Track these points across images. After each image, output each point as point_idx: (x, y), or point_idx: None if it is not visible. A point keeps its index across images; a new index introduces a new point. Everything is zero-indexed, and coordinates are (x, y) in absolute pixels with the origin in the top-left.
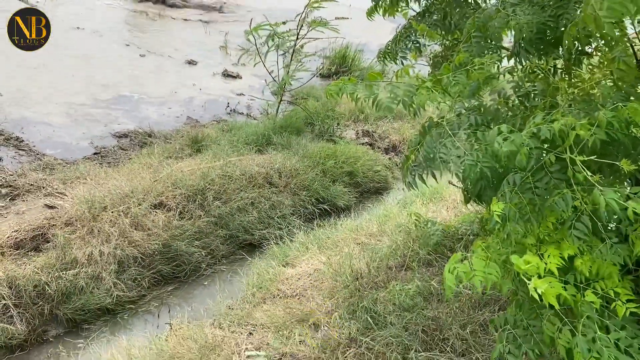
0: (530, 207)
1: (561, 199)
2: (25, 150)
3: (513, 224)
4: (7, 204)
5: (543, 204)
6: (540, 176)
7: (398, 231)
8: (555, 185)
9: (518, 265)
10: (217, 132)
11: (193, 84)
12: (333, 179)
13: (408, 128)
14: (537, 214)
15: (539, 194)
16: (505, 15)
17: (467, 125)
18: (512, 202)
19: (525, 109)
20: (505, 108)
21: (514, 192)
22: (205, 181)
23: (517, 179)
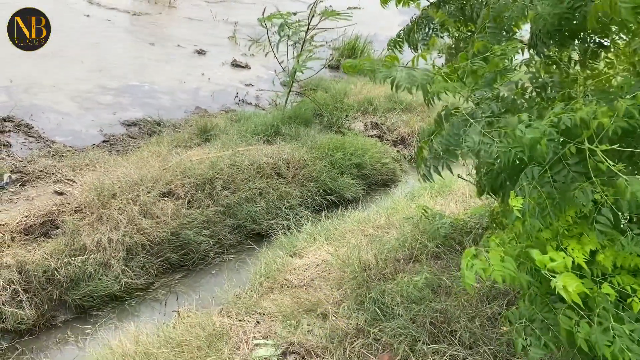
0: (549, 202)
1: (581, 192)
2: (35, 137)
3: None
4: (17, 189)
5: (562, 198)
6: (558, 169)
7: (406, 224)
8: (573, 178)
9: (541, 261)
10: (225, 122)
11: (202, 74)
12: (341, 171)
13: (417, 120)
14: (555, 207)
15: (557, 187)
16: (522, 6)
17: (489, 113)
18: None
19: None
20: (522, 99)
21: (533, 186)
22: (214, 170)
23: (535, 172)
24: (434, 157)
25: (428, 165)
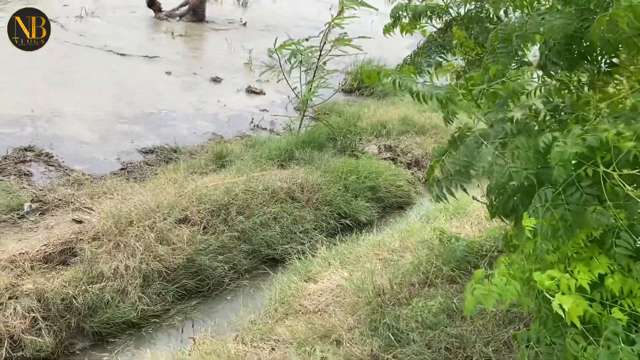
0: (562, 224)
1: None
2: (55, 165)
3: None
4: (37, 218)
5: (575, 220)
6: (571, 191)
7: (421, 247)
8: (586, 200)
9: (541, 281)
10: (240, 148)
11: (218, 101)
12: (355, 194)
13: (431, 143)
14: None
15: (571, 210)
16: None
17: (502, 134)
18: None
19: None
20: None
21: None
22: (229, 196)
23: (549, 194)
24: (446, 178)
25: (441, 185)
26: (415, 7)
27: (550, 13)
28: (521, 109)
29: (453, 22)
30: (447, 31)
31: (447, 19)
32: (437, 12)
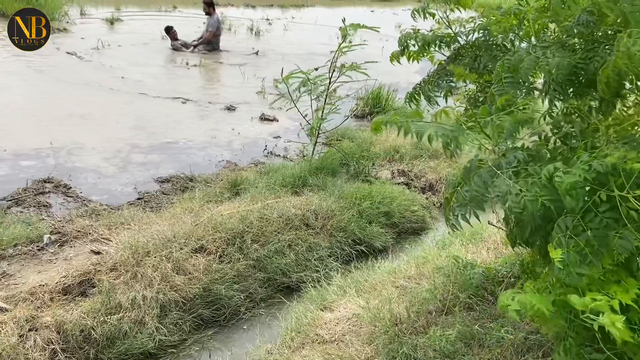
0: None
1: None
2: (73, 197)
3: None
4: (56, 250)
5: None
6: (590, 217)
7: (437, 274)
8: (607, 225)
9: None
10: (255, 175)
11: (232, 129)
12: (369, 220)
13: (445, 167)
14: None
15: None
16: (534, 58)
17: (515, 163)
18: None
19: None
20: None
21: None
22: (244, 224)
23: (568, 223)
24: (460, 205)
25: (456, 214)
26: (425, 36)
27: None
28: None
29: (462, 50)
30: (457, 59)
31: (455, 47)
32: (446, 40)
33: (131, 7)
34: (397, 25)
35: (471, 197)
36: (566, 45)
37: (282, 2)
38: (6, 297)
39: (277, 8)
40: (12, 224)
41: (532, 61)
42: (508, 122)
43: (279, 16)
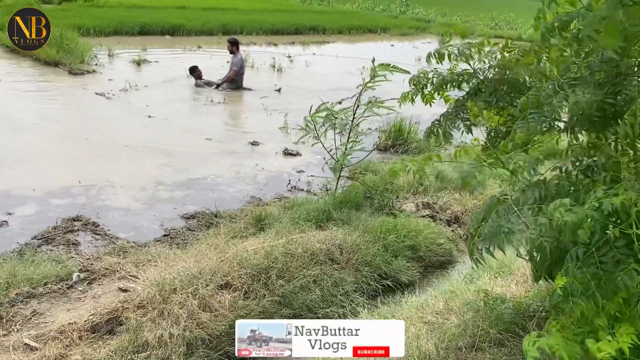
0: (594, 282)
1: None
2: (101, 234)
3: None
4: (85, 288)
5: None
6: (605, 250)
7: (466, 309)
8: (620, 260)
9: (593, 350)
10: (279, 210)
11: (256, 164)
12: (395, 254)
13: (470, 199)
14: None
15: (604, 269)
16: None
17: (532, 200)
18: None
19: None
20: (567, 182)
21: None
22: (269, 260)
23: (579, 254)
24: (484, 240)
25: (480, 248)
26: (443, 76)
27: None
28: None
29: (481, 85)
30: (475, 96)
31: (474, 83)
32: (466, 78)
33: (157, 47)
34: (417, 58)
35: (492, 233)
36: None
37: (303, 39)
38: (36, 336)
39: (299, 45)
40: (43, 262)
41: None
42: (527, 159)
43: (300, 52)
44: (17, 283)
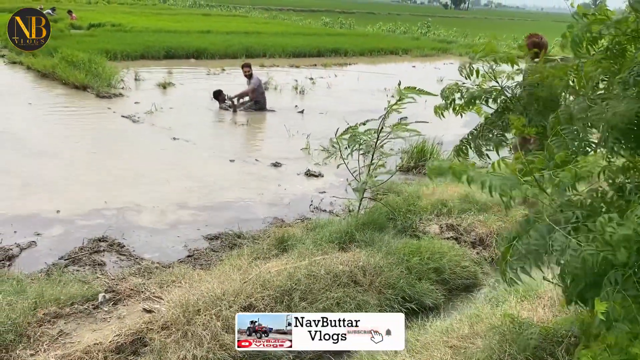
0: (636, 306)
1: None
2: (126, 255)
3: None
4: (110, 308)
5: None
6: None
7: (492, 333)
8: None
9: None
10: (301, 231)
11: (278, 185)
12: (419, 276)
13: (494, 220)
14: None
15: None
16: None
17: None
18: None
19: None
20: (602, 203)
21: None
22: (292, 281)
23: (618, 277)
24: (518, 259)
25: (514, 268)
26: (472, 91)
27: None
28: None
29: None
30: (505, 113)
31: (503, 100)
32: (494, 95)
33: (182, 70)
34: (439, 79)
35: (529, 251)
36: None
37: (324, 61)
38: (62, 356)
39: (320, 67)
40: (69, 283)
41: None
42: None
43: (322, 75)
44: (44, 303)
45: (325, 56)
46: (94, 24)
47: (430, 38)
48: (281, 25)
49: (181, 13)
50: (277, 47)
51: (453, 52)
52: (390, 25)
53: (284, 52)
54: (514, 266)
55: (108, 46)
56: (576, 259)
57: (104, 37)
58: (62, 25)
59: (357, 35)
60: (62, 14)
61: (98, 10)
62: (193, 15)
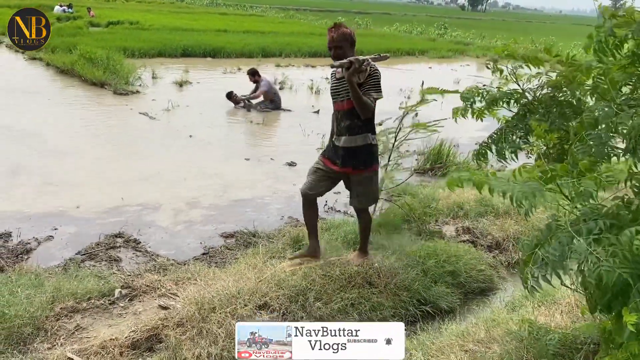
0: None
1: None
2: (142, 251)
3: None
4: (126, 304)
5: None
6: None
7: (509, 338)
8: None
9: None
10: None
11: (293, 184)
12: (434, 279)
13: (511, 224)
14: None
15: None
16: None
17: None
18: None
19: None
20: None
21: None
22: (307, 281)
23: None
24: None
25: (535, 275)
26: (493, 94)
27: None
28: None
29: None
30: (526, 116)
31: (524, 102)
32: (515, 97)
33: (199, 69)
34: (456, 80)
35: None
36: None
37: None
38: (79, 350)
39: None
40: (86, 278)
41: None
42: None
43: None
44: (62, 297)
45: None
46: (113, 22)
47: (447, 39)
48: (297, 25)
49: (198, 12)
50: (293, 47)
51: (470, 54)
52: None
53: (300, 52)
54: (535, 274)
55: (126, 44)
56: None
57: (122, 34)
58: (81, 23)
59: (374, 35)
60: (82, 11)
61: (116, 8)
62: (210, 15)
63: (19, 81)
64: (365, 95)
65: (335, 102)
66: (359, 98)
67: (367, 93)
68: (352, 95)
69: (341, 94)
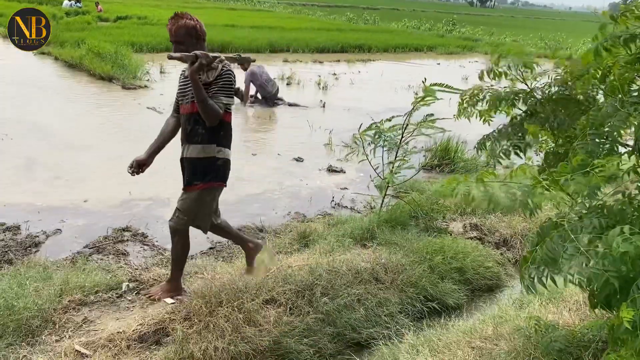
0: None
1: None
2: (149, 245)
3: None
4: (133, 297)
5: None
6: None
7: (516, 335)
8: None
9: None
10: (323, 226)
11: (300, 180)
12: (441, 276)
13: (520, 221)
14: None
15: None
16: (626, 114)
17: (590, 228)
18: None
19: None
20: (631, 208)
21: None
22: (313, 276)
23: None
24: (537, 268)
25: (532, 276)
26: (497, 93)
27: None
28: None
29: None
30: (532, 115)
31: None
32: (522, 97)
33: None
34: (464, 77)
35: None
36: None
37: (348, 57)
38: (87, 343)
39: (344, 63)
40: (94, 271)
41: (624, 117)
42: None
43: (345, 70)
44: (69, 290)
45: (349, 52)
46: (121, 17)
47: (455, 36)
48: (305, 21)
49: (207, 7)
50: (301, 42)
51: (479, 50)
52: (415, 22)
53: (308, 48)
54: (532, 274)
55: (134, 38)
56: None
57: (130, 29)
58: (89, 18)
59: (382, 31)
60: (90, 5)
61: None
62: (218, 9)
63: (28, 76)
64: (213, 98)
65: (181, 104)
66: (203, 100)
67: (216, 96)
68: (196, 96)
69: (187, 95)
